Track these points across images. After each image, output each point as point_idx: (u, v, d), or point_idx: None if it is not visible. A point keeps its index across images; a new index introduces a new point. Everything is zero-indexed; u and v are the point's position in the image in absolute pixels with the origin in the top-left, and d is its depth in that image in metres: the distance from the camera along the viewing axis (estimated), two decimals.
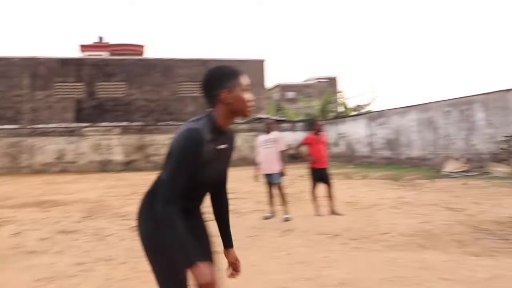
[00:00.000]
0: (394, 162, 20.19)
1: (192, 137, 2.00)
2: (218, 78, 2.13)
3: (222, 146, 2.18)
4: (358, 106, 32.60)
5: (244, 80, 2.16)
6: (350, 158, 24.09)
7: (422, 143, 18.73)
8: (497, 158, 14.75)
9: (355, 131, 24.07)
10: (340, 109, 32.57)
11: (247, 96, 2.15)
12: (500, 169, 14.05)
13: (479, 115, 15.70)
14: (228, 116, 2.15)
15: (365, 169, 19.27)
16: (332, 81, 49.81)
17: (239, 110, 2.14)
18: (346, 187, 12.47)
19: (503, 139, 14.59)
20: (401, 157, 20.05)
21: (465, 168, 15.39)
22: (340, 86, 44.45)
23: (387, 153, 21.23)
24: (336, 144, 25.74)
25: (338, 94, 34.81)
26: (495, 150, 14.94)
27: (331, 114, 31.32)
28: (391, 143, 20.93)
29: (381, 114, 22.30)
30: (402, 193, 10.67)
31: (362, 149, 23.44)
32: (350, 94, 73.66)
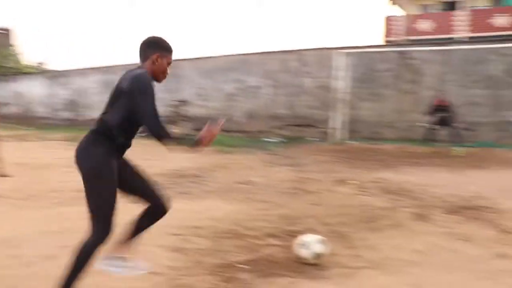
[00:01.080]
0: (75, 124, 19.85)
1: (149, 78, 2.62)
2: (159, 44, 2.76)
3: None
4: (37, 63, 30.37)
5: (173, 57, 2.80)
6: (27, 120, 22.43)
7: (103, 105, 18.99)
8: (170, 121, 16.37)
9: (33, 91, 22.47)
10: (15, 65, 29.46)
11: (167, 69, 2.78)
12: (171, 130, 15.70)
13: None
14: (148, 73, 2.68)
15: (44, 130, 18.31)
16: (5, 33, 44.17)
17: (156, 73, 2.73)
18: (18, 149, 11.66)
19: (175, 103, 16.27)
20: (83, 119, 19.89)
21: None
22: (15, 39, 38.35)
23: (68, 114, 20.73)
24: (8, 104, 23.46)
25: (13, 48, 31.43)
26: (169, 114, 16.52)
27: (3, 70, 27.97)
28: (72, 104, 20.48)
29: (61, 74, 21.49)
30: None
31: (41, 110, 22.16)
32: (27, 49, 66.65)
